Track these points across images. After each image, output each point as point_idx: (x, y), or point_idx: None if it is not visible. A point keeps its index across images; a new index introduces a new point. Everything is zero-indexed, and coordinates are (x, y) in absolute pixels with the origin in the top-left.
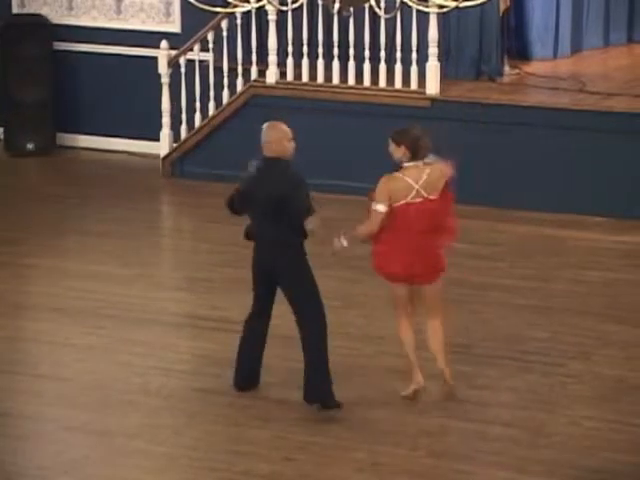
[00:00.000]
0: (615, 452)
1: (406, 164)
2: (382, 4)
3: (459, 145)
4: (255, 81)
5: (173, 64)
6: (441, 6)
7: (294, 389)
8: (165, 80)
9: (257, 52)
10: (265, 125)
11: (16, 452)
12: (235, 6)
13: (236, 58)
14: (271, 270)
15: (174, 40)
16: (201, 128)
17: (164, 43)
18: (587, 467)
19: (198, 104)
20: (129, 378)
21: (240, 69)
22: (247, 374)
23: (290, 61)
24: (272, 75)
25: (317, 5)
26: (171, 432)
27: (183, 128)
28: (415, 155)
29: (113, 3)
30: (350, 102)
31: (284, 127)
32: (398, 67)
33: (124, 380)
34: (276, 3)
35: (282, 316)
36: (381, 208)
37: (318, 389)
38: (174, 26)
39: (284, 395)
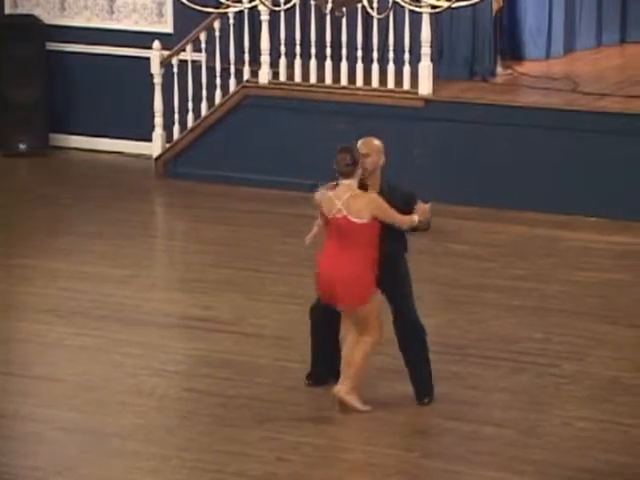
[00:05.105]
0: (607, 452)
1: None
2: (375, 4)
3: (452, 145)
4: (248, 81)
5: (166, 64)
6: (434, 6)
7: (287, 389)
8: (158, 80)
9: (250, 52)
10: None
11: (9, 453)
12: (227, 6)
13: (228, 58)
14: None
15: (166, 40)
16: (194, 128)
17: (156, 43)
18: (579, 467)
19: (191, 104)
20: (122, 379)
21: (233, 69)
22: None
23: (283, 61)
24: (265, 75)
25: (310, 5)
26: (164, 432)
27: (176, 128)
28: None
29: (106, 3)
30: (343, 102)
31: None
32: (391, 67)
33: (117, 381)
34: (268, 3)
35: (270, 316)
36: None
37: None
38: (166, 26)
39: (277, 395)
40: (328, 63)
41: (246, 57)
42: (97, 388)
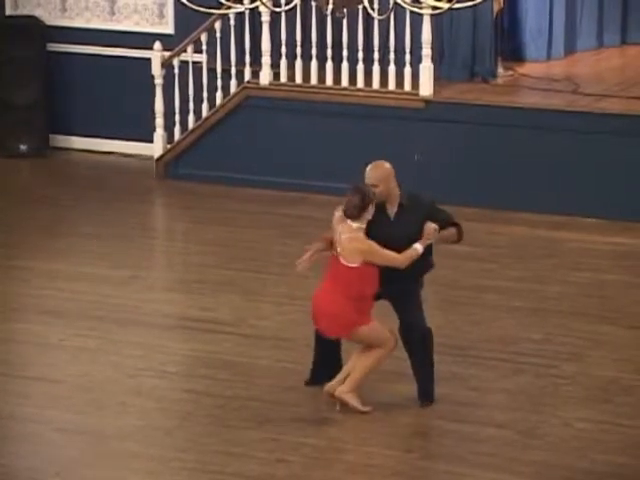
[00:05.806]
0: (606, 453)
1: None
2: (375, 5)
3: (452, 147)
4: (248, 82)
5: (166, 65)
6: (434, 7)
7: (287, 390)
8: (158, 81)
9: (250, 53)
10: None
11: (8, 454)
12: (228, 7)
13: (229, 59)
14: None
15: (167, 41)
16: (195, 129)
17: (157, 44)
18: (579, 468)
19: (192, 105)
20: (121, 380)
21: (233, 70)
22: None
23: (283, 62)
24: (265, 76)
25: (310, 6)
26: (163, 434)
27: (177, 129)
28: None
29: (106, 4)
30: (344, 103)
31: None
32: (392, 69)
33: (116, 382)
34: (269, 4)
35: (271, 318)
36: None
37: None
38: (167, 27)
39: (277, 396)
40: (329, 64)
41: (247, 58)
42: (96, 389)
